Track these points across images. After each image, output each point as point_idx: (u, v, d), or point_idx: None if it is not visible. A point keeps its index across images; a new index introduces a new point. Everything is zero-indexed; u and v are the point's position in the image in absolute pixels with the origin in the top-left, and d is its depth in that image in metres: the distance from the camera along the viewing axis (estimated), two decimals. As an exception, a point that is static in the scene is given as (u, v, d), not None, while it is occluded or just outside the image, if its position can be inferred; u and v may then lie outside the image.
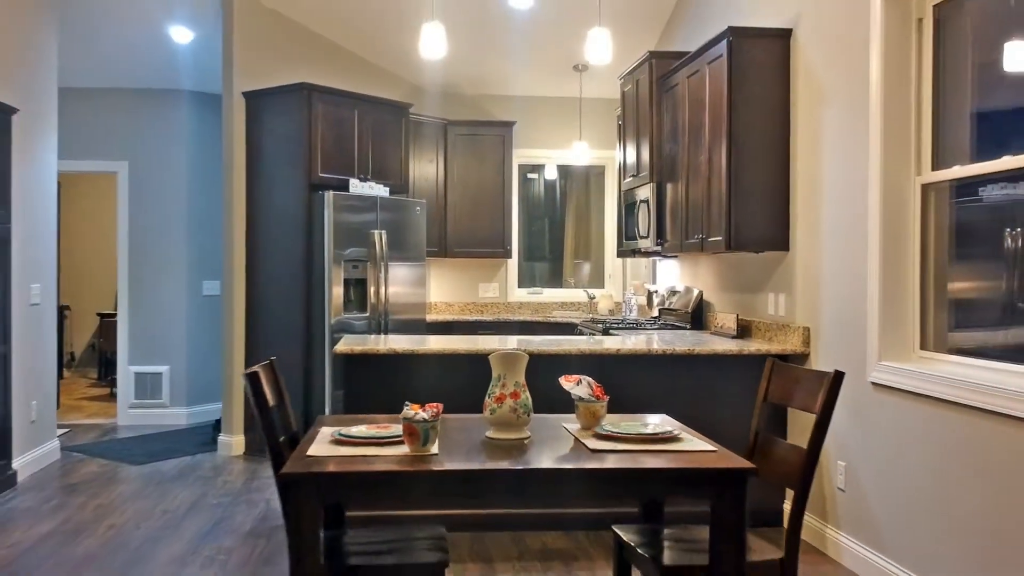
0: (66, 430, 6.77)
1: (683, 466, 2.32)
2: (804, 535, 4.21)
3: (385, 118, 6.35)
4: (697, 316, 5.52)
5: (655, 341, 4.64)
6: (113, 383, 8.93)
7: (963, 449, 3.06)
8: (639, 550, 2.60)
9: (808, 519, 4.19)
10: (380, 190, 6.10)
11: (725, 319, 5.04)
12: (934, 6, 3.50)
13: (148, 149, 7.27)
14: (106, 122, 7.18)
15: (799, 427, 4.25)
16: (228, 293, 6.12)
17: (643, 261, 6.96)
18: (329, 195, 5.71)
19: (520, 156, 7.55)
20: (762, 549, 2.63)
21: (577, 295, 7.62)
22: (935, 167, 3.51)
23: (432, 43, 4.25)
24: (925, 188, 3.54)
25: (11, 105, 5.09)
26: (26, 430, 5.42)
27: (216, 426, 6.39)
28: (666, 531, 2.78)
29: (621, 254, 6.58)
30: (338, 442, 2.47)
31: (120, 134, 7.23)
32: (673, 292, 5.95)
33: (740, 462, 2.34)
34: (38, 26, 5.60)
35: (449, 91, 7.33)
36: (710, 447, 2.52)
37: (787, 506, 4.39)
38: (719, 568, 2.29)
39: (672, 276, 6.27)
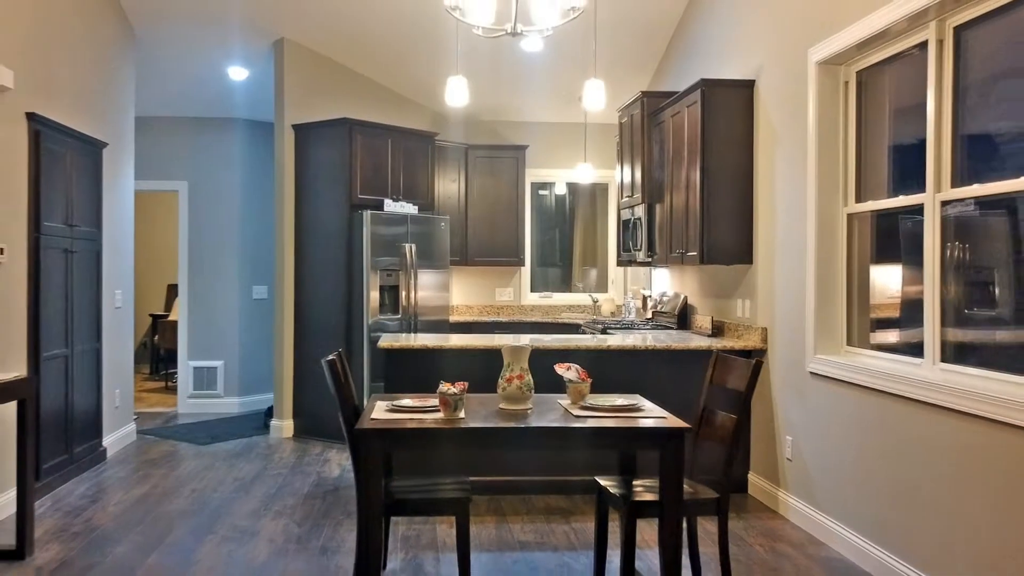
0: (135, 417, 7.75)
1: (636, 426, 3.24)
2: (761, 498, 5.12)
3: (414, 145, 7.30)
4: (683, 318, 6.42)
5: (642, 339, 5.54)
6: (166, 377, 9.95)
7: (876, 424, 3.96)
8: (612, 491, 3.52)
9: (763, 485, 5.09)
10: (410, 208, 7.05)
11: (703, 320, 5.95)
12: (856, 72, 4.39)
13: (205, 170, 8.26)
14: (170, 146, 8.17)
15: (771, 400, 5.16)
16: (279, 297, 7.07)
17: (641, 269, 7.85)
18: (367, 214, 6.66)
19: (532, 175, 8.47)
20: (705, 492, 3.54)
21: (583, 299, 8.53)
22: (857, 200, 4.40)
23: (456, 93, 5.16)
24: (850, 216, 4.43)
25: (102, 140, 6.08)
26: (112, 414, 6.41)
27: (268, 412, 7.36)
28: (635, 481, 3.69)
29: (620, 263, 7.47)
30: (393, 410, 3.41)
31: (181, 157, 8.22)
32: (663, 297, 6.85)
33: (679, 424, 3.26)
34: (120, 68, 6.58)
35: (469, 119, 8.26)
36: (662, 415, 3.43)
37: (752, 476, 5.29)
38: (664, 500, 3.20)
39: (664, 283, 7.17)
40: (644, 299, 7.33)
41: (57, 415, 5.35)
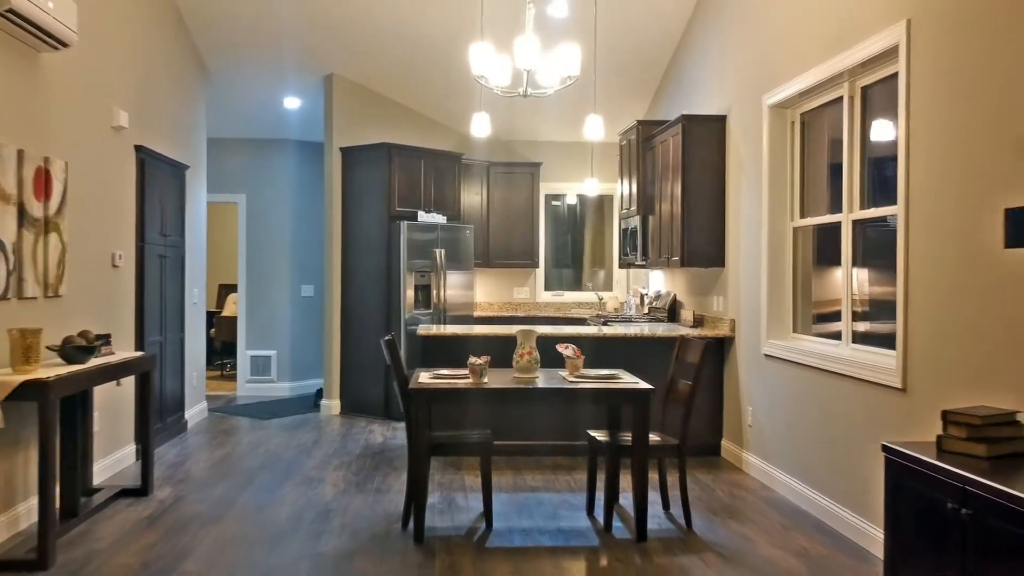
0: (206, 397, 8.97)
1: (613, 388, 4.39)
2: (729, 459, 6.24)
3: (443, 164, 8.47)
4: (672, 312, 7.54)
5: (633, 329, 6.67)
6: (222, 366, 11.18)
7: (807, 392, 5.07)
8: (599, 440, 4.66)
9: (731, 447, 6.21)
10: (440, 218, 8.22)
11: (687, 314, 7.08)
12: (800, 114, 5.49)
13: (261, 184, 9.48)
14: (232, 164, 9.39)
15: (736, 378, 6.28)
16: (328, 295, 8.26)
17: (641, 270, 8.97)
18: (404, 224, 7.83)
19: (546, 188, 9.61)
20: (669, 440, 4.67)
21: (590, 297, 9.66)
22: (801, 216, 5.51)
23: (480, 126, 6.31)
24: (795, 229, 5.54)
25: (185, 163, 7.29)
26: (190, 393, 7.62)
27: (318, 394, 8.56)
28: (619, 433, 4.81)
29: (621, 266, 8.59)
30: (434, 378, 4.57)
31: (241, 173, 9.44)
32: (657, 295, 7.98)
33: (645, 386, 4.39)
34: (196, 100, 7.79)
35: (490, 139, 9.40)
36: (635, 381, 4.56)
37: (724, 442, 6.41)
38: (634, 442, 4.34)
39: (658, 283, 8.29)
40: (642, 297, 8.46)
41: (153, 391, 6.56)
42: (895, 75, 4.14)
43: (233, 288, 11.08)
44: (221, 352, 11.25)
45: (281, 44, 7.63)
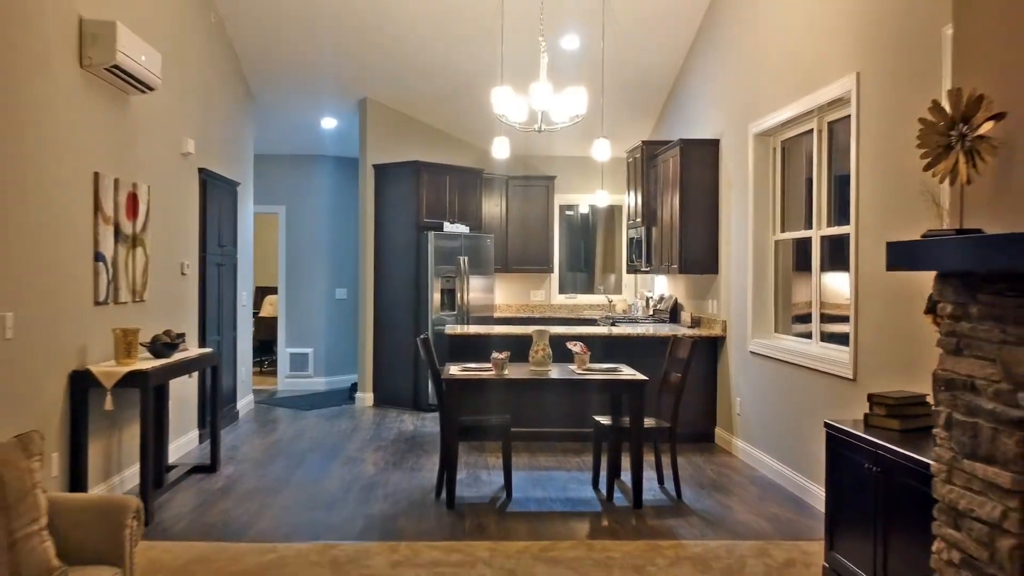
0: (252, 390, 9.85)
1: (614, 379, 5.20)
2: (722, 444, 7.03)
3: (466, 179, 9.31)
4: (674, 314, 8.34)
5: (638, 329, 7.47)
6: (260, 363, 12.06)
7: (784, 383, 5.85)
8: (602, 423, 5.47)
9: (724, 434, 7.00)
10: (463, 228, 9.05)
11: (686, 316, 7.88)
12: (780, 141, 6.28)
13: (299, 196, 10.35)
14: (273, 178, 10.26)
15: (727, 372, 7.08)
16: (362, 298, 9.11)
17: (646, 276, 9.76)
18: (431, 234, 8.67)
19: (560, 199, 10.42)
20: (662, 423, 5.48)
21: (601, 299, 10.46)
22: (781, 231, 6.29)
23: (500, 149, 7.13)
24: (776, 242, 6.33)
25: (236, 180, 8.16)
26: (240, 387, 8.49)
27: (352, 388, 9.42)
28: (620, 418, 5.62)
29: (628, 271, 9.39)
30: (463, 370, 5.40)
31: (281, 186, 10.31)
32: (661, 298, 8.77)
33: (641, 377, 5.20)
34: (244, 122, 8.66)
35: (509, 155, 10.19)
36: (633, 374, 5.37)
37: (717, 430, 7.20)
38: (631, 424, 5.14)
39: (662, 287, 9.09)
40: (647, 300, 9.26)
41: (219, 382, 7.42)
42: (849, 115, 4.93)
43: (271, 291, 11.98)
44: (259, 350, 12.14)
45: (320, 72, 8.49)
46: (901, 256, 2.86)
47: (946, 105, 2.77)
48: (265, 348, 11.90)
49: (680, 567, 4.13)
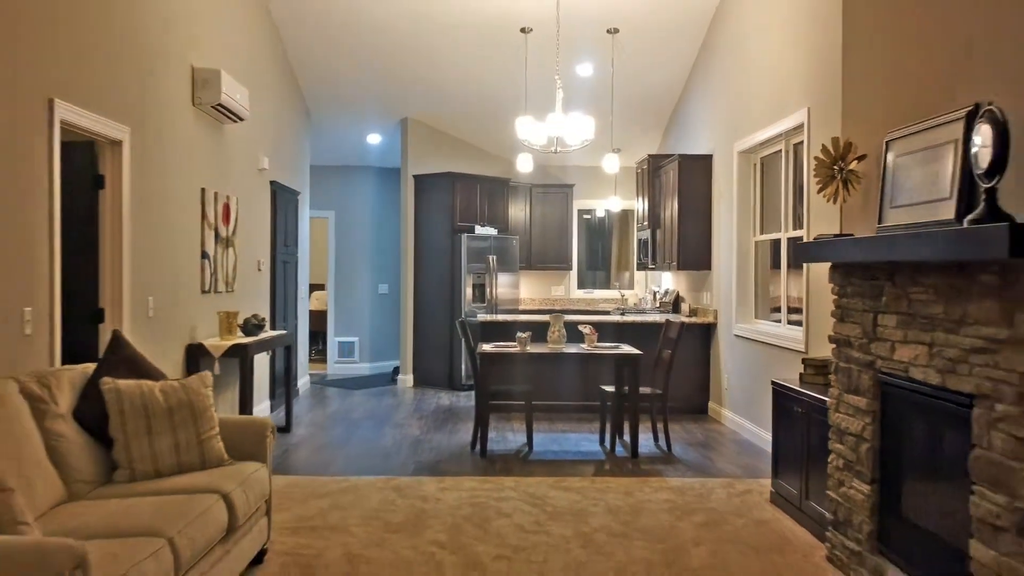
0: (308, 373, 11.16)
1: (615, 353, 6.44)
2: (714, 415, 8.24)
3: (494, 187, 10.57)
4: (676, 305, 9.54)
5: (645, 317, 8.68)
6: (311, 351, 13.39)
7: (760, 360, 7.05)
8: (607, 391, 6.71)
9: (715, 407, 8.20)
10: (491, 231, 10.31)
11: (685, 307, 9.09)
12: (760, 158, 7.47)
13: (347, 202, 11.67)
14: (324, 186, 11.58)
15: (718, 354, 8.29)
16: (403, 293, 10.40)
17: (654, 272, 10.96)
18: (463, 236, 9.94)
19: (578, 204, 11.65)
20: (655, 391, 6.70)
21: (615, 294, 11.67)
22: (760, 233, 7.48)
23: (524, 164, 8.40)
24: (757, 243, 7.52)
25: (297, 190, 9.48)
26: (300, 368, 9.80)
27: (395, 371, 10.72)
28: (622, 387, 6.83)
29: (639, 269, 10.58)
30: (494, 347, 6.65)
31: (331, 193, 11.64)
32: (666, 292, 9.98)
33: (637, 352, 6.43)
34: (303, 138, 9.98)
35: (533, 165, 11.44)
36: (631, 350, 6.59)
37: (710, 403, 8.40)
38: (629, 391, 6.37)
39: (668, 282, 10.29)
40: (654, 293, 10.47)
41: (280, 364, 8.75)
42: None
43: (318, 287, 13.30)
44: (308, 339, 13.46)
45: (367, 95, 9.80)
46: (801, 253, 4.09)
47: (831, 148, 3.98)
48: (313, 338, 13.22)
49: (661, 493, 5.36)
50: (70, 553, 2.26)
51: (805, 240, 5.95)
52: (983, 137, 2.66)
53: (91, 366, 3.91)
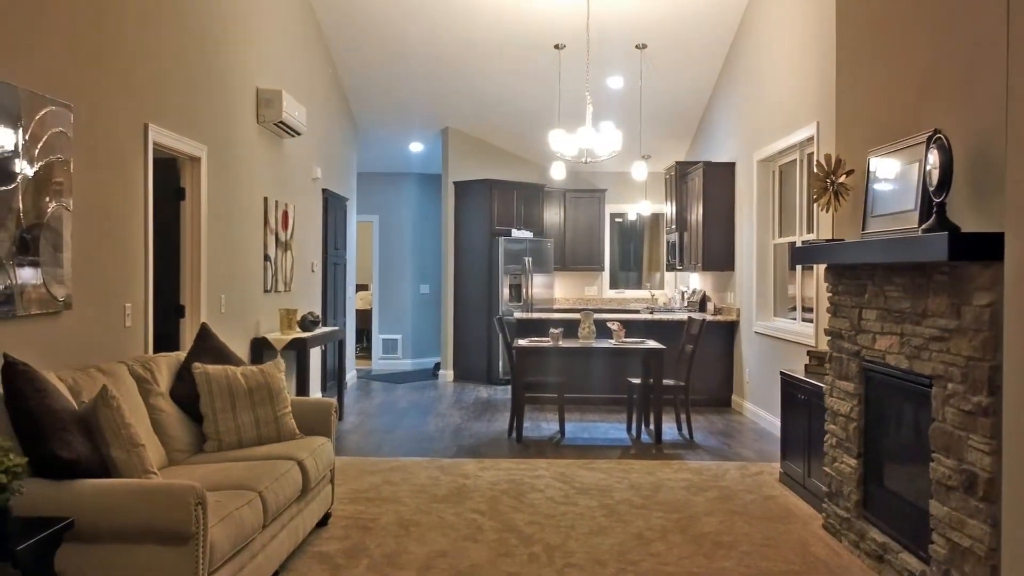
0: (355, 368, 11.84)
1: (641, 347, 7.00)
2: (736, 407, 8.74)
3: (530, 192, 11.16)
4: (703, 304, 10.05)
5: (667, 315, 9.20)
6: (356, 348, 14.09)
7: (777, 354, 7.55)
8: (634, 383, 7.26)
9: (737, 399, 8.70)
10: (527, 234, 10.90)
11: (711, 306, 9.60)
12: (779, 166, 7.97)
13: (390, 207, 12.35)
14: (369, 192, 12.26)
15: (740, 349, 8.80)
16: (444, 292, 11.03)
17: (683, 273, 11.45)
18: (501, 239, 10.55)
19: (610, 208, 12.19)
20: (679, 382, 7.24)
21: (645, 294, 12.20)
22: (779, 236, 7.98)
23: (558, 171, 8.96)
24: (776, 246, 8.02)
25: (346, 196, 10.16)
26: (348, 363, 10.47)
27: (436, 367, 11.36)
28: (648, 379, 7.37)
29: (668, 269, 11.10)
30: (529, 341, 7.24)
31: (375, 199, 12.32)
32: (693, 291, 10.49)
33: (660, 347, 6.97)
34: (351, 148, 10.66)
35: (566, 171, 12.02)
36: (656, 345, 7.13)
37: (733, 396, 8.90)
38: (654, 383, 6.92)
39: (695, 282, 10.80)
40: (682, 293, 10.99)
41: (331, 359, 9.42)
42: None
43: (363, 287, 14.01)
44: (354, 336, 14.17)
45: (410, 106, 10.45)
46: (797, 256, 4.62)
47: (824, 163, 4.51)
48: (358, 335, 13.91)
49: (680, 473, 5.91)
50: (194, 492, 2.90)
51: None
52: (933, 160, 3.19)
53: (183, 353, 4.58)
